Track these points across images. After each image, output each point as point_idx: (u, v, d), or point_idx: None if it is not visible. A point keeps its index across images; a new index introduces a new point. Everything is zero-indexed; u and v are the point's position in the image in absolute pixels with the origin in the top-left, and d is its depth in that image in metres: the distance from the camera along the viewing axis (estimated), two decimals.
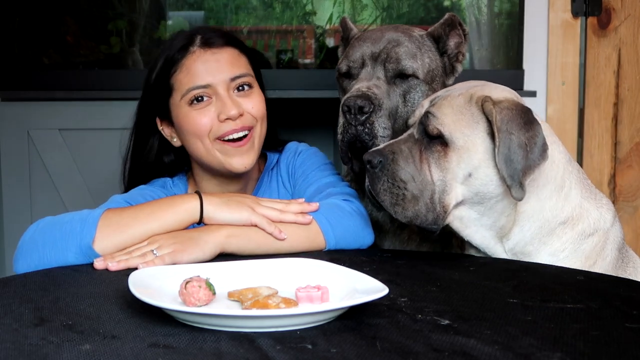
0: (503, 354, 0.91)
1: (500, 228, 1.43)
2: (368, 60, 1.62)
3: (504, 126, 1.34)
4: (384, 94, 1.58)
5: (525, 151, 1.34)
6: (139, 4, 2.85)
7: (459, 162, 1.36)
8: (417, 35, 1.67)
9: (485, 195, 1.39)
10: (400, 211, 1.37)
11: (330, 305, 1.05)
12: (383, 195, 1.37)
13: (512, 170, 1.33)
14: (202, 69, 1.58)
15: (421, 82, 1.62)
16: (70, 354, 0.90)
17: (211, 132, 1.57)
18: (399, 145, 1.39)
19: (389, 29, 1.68)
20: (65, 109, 2.50)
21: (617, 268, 1.49)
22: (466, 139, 1.36)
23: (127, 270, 1.19)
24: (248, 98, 1.61)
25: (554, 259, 1.44)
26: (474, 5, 2.87)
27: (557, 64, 2.74)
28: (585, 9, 2.72)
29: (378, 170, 1.37)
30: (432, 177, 1.37)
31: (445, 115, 1.38)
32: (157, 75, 1.62)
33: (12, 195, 2.51)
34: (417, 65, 1.62)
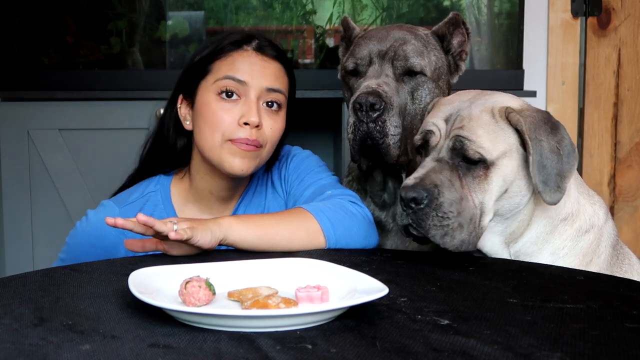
0: (503, 354, 0.91)
1: (510, 234, 1.43)
2: (375, 58, 1.63)
3: (533, 134, 1.34)
4: (394, 91, 1.58)
5: (558, 155, 1.34)
6: (139, 4, 2.85)
7: (497, 182, 1.36)
8: (422, 34, 1.68)
9: (511, 206, 1.39)
10: (449, 241, 1.33)
11: (330, 305, 1.06)
12: (434, 230, 1.32)
13: (545, 175, 1.33)
14: (247, 67, 1.59)
15: (429, 79, 1.63)
16: (70, 354, 0.90)
17: (225, 132, 1.56)
18: (437, 176, 1.34)
19: (393, 27, 1.69)
20: (65, 109, 2.49)
21: (612, 265, 1.49)
22: (504, 156, 1.36)
23: (127, 270, 1.19)
24: (272, 118, 1.60)
25: (554, 258, 1.44)
26: (473, 5, 2.87)
27: (557, 64, 2.74)
28: (585, 9, 2.73)
29: (425, 207, 1.32)
30: (474, 201, 1.35)
31: (480, 137, 1.35)
32: (201, 57, 1.63)
33: (12, 195, 2.51)
34: (425, 62, 1.63)
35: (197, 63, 1.63)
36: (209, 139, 1.58)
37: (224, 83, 1.58)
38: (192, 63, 1.65)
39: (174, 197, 1.67)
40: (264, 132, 1.58)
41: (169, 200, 1.67)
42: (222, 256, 1.37)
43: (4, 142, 2.50)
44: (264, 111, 1.59)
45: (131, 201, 1.65)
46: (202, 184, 1.65)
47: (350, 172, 1.81)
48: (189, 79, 1.64)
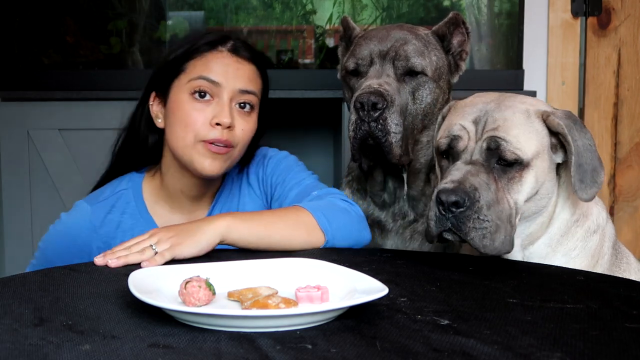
0: (503, 354, 0.91)
1: (528, 235, 1.43)
2: (376, 58, 1.63)
3: (569, 136, 1.36)
4: (395, 91, 1.59)
5: (592, 152, 1.37)
6: (139, 4, 2.85)
7: (531, 182, 1.36)
8: (423, 34, 1.68)
9: (537, 208, 1.39)
10: (489, 244, 1.32)
11: (330, 305, 1.05)
12: (474, 233, 1.31)
13: (582, 174, 1.35)
14: (221, 68, 1.60)
15: (430, 79, 1.63)
16: (70, 354, 0.90)
17: (197, 132, 1.57)
18: (475, 179, 1.33)
19: (393, 27, 1.69)
20: (65, 109, 2.49)
21: (612, 265, 1.50)
22: (538, 157, 1.36)
23: (127, 270, 1.19)
24: (243, 119, 1.61)
25: (567, 259, 1.44)
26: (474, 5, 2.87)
27: (557, 64, 2.74)
28: (585, 9, 2.73)
29: (466, 210, 1.31)
30: (509, 203, 1.35)
31: (516, 138, 1.35)
32: (176, 56, 1.63)
33: (12, 195, 2.51)
34: (426, 62, 1.63)
35: (171, 61, 1.64)
36: (180, 139, 1.59)
37: (197, 83, 1.58)
38: (166, 61, 1.66)
39: (145, 194, 1.68)
40: (236, 133, 1.59)
41: (140, 197, 1.67)
42: (222, 256, 1.37)
43: (4, 142, 2.50)
44: (236, 112, 1.60)
45: (103, 199, 1.67)
46: (172, 182, 1.66)
47: (350, 171, 1.81)
48: (163, 76, 1.65)
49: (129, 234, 1.63)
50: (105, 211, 1.66)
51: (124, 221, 1.65)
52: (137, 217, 1.66)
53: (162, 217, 1.67)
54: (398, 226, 1.69)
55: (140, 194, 1.68)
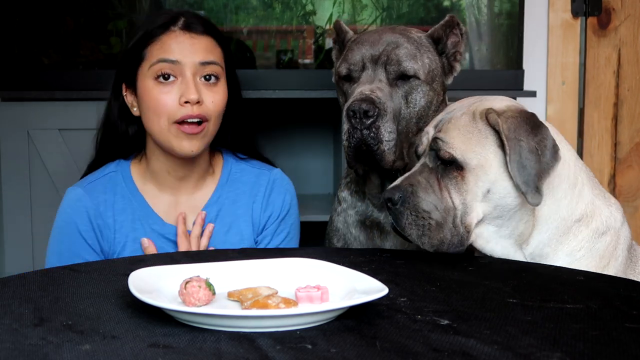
0: (503, 354, 0.91)
1: (518, 235, 1.43)
2: (368, 63, 1.62)
3: (512, 134, 1.35)
4: (387, 97, 1.58)
5: (537, 155, 1.35)
6: (139, 4, 2.85)
7: (476, 182, 1.37)
8: (415, 36, 1.67)
9: (504, 207, 1.39)
10: (427, 241, 1.37)
11: (330, 305, 1.05)
12: (409, 229, 1.38)
13: (526, 176, 1.34)
14: (177, 47, 1.64)
15: (422, 82, 1.62)
16: (70, 354, 0.90)
17: (169, 114, 1.61)
18: (415, 177, 1.39)
19: (386, 30, 1.68)
20: (65, 109, 2.49)
21: (626, 268, 1.49)
22: (479, 157, 1.37)
23: (127, 270, 1.19)
24: (211, 91, 1.64)
25: (570, 259, 1.44)
26: (474, 5, 2.87)
27: (557, 64, 2.74)
28: (585, 9, 2.72)
29: (399, 206, 1.37)
30: (453, 202, 1.37)
31: (453, 138, 1.38)
32: (134, 44, 1.67)
33: (12, 195, 2.51)
34: (418, 66, 1.62)
35: (130, 50, 1.68)
36: (155, 124, 1.63)
37: (158, 67, 1.63)
38: (126, 50, 1.70)
39: (134, 176, 1.73)
40: (207, 107, 1.63)
41: (130, 179, 1.72)
42: (222, 256, 1.37)
43: (4, 142, 2.50)
44: (203, 86, 1.64)
45: (93, 180, 1.71)
46: (158, 165, 1.71)
47: (348, 173, 1.81)
48: (127, 67, 1.69)
49: (123, 214, 1.69)
50: (99, 191, 1.70)
51: (117, 201, 1.70)
52: (128, 197, 1.71)
53: (152, 196, 1.72)
54: None
55: (129, 176, 1.72)
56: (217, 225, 1.72)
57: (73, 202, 1.69)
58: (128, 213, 1.69)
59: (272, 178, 1.79)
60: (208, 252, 1.55)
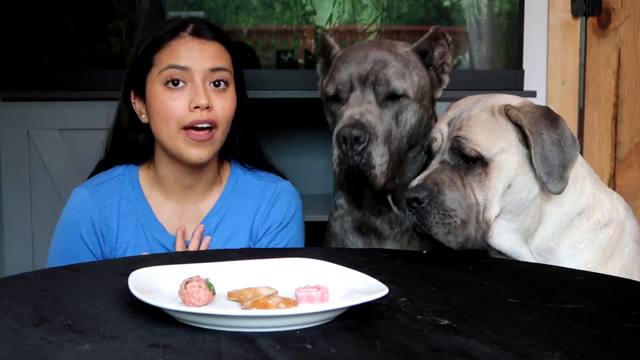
0: (503, 354, 0.91)
1: (525, 230, 1.45)
2: (356, 83, 1.57)
3: (534, 128, 1.38)
4: (377, 119, 1.54)
5: (559, 147, 1.38)
6: (139, 4, 2.85)
7: (499, 177, 1.39)
8: (402, 52, 1.63)
9: (519, 202, 1.41)
10: (453, 239, 1.38)
11: (330, 305, 1.05)
12: (436, 228, 1.38)
13: (549, 167, 1.37)
14: (187, 53, 1.63)
15: (412, 100, 1.58)
16: (70, 354, 0.90)
17: (178, 120, 1.60)
18: (438, 176, 1.39)
19: (372, 47, 1.62)
20: (65, 109, 2.49)
21: (633, 260, 1.49)
22: (503, 152, 1.39)
23: (127, 270, 1.19)
24: (220, 97, 1.64)
25: (573, 251, 1.46)
26: (474, 5, 2.86)
27: (557, 64, 2.74)
28: (585, 9, 2.72)
29: (426, 205, 1.37)
30: (476, 199, 1.39)
31: (477, 136, 1.39)
32: (143, 50, 1.66)
33: (12, 195, 2.51)
34: (407, 84, 1.58)
35: (139, 57, 1.67)
36: (164, 130, 1.62)
37: (167, 73, 1.62)
38: (135, 57, 1.69)
39: (142, 182, 1.72)
40: (216, 113, 1.62)
41: (137, 184, 1.71)
42: (222, 256, 1.37)
43: (4, 142, 2.50)
44: (212, 92, 1.63)
45: (100, 182, 1.71)
46: (165, 172, 1.70)
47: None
48: (135, 73, 1.68)
49: (127, 219, 1.68)
50: (105, 195, 1.69)
51: (122, 205, 1.69)
52: (134, 203, 1.70)
53: (158, 204, 1.71)
54: (395, 233, 1.68)
55: (137, 181, 1.71)
56: (216, 235, 1.70)
57: (78, 204, 1.68)
58: (132, 218, 1.68)
59: (278, 191, 1.76)
60: (208, 252, 1.55)
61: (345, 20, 2.92)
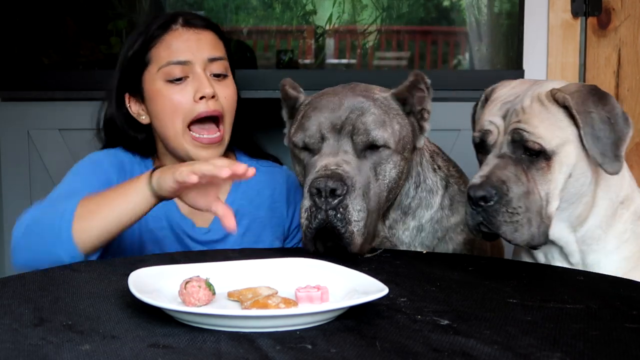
0: (503, 354, 0.91)
1: (576, 217, 1.41)
2: (328, 132, 1.43)
3: (581, 107, 1.33)
4: (355, 171, 1.40)
5: (609, 124, 1.33)
6: (139, 4, 2.85)
7: (560, 169, 1.34)
8: (381, 98, 1.49)
9: (576, 190, 1.37)
10: (519, 236, 1.32)
11: (330, 305, 1.06)
12: (505, 226, 1.31)
13: (602, 147, 1.32)
14: (184, 45, 1.61)
15: (393, 152, 1.45)
16: (70, 354, 0.90)
17: (184, 114, 1.58)
18: (502, 172, 1.33)
19: (345, 93, 1.48)
20: (65, 109, 2.49)
21: None
22: (563, 143, 1.34)
23: (127, 270, 1.19)
24: (222, 86, 1.62)
25: (619, 242, 1.43)
26: (474, 6, 2.87)
27: (557, 64, 2.74)
28: (585, 9, 2.72)
29: (495, 203, 1.30)
30: (540, 194, 1.34)
31: (537, 128, 1.34)
32: (135, 50, 1.63)
33: (12, 195, 2.51)
34: (388, 134, 1.44)
35: (131, 58, 1.64)
36: (170, 127, 1.59)
37: (167, 70, 1.59)
38: (126, 59, 1.65)
39: None
40: (220, 102, 1.60)
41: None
42: (222, 256, 1.37)
43: (4, 142, 2.50)
44: (214, 81, 1.61)
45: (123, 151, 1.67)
46: None
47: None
48: (129, 75, 1.65)
49: None
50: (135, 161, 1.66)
51: None
52: None
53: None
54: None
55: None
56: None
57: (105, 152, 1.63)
58: None
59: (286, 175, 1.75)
60: (208, 252, 1.55)
61: (345, 20, 2.92)
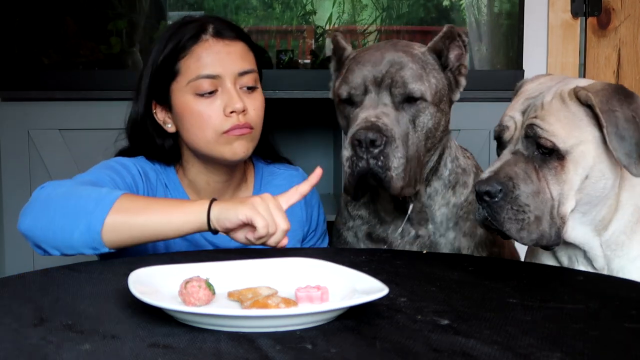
0: (503, 354, 0.91)
1: (600, 221, 1.37)
2: (371, 85, 1.52)
3: (605, 106, 1.28)
4: (394, 122, 1.49)
5: (634, 124, 1.28)
6: (139, 4, 2.85)
7: (576, 170, 1.31)
8: (419, 53, 1.57)
9: (595, 192, 1.33)
10: (527, 235, 1.30)
11: (330, 305, 1.05)
12: (509, 224, 1.29)
13: (627, 147, 1.27)
14: (214, 58, 1.58)
15: (430, 104, 1.54)
16: (70, 354, 0.90)
17: (215, 127, 1.56)
18: (512, 168, 1.31)
19: (387, 48, 1.57)
20: (65, 109, 2.50)
21: None
22: (580, 143, 1.30)
23: (127, 270, 1.19)
24: (251, 98, 1.60)
25: None
26: (474, 6, 2.87)
27: (557, 64, 2.74)
28: (585, 9, 2.73)
29: (500, 200, 1.29)
30: (551, 193, 1.31)
31: (552, 125, 1.30)
32: (163, 59, 1.60)
33: (12, 195, 2.51)
34: (425, 87, 1.53)
35: (161, 65, 1.61)
36: (201, 138, 1.58)
37: (197, 84, 1.57)
38: (156, 64, 1.62)
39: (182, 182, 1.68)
40: (250, 115, 1.59)
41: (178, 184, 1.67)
42: (222, 256, 1.37)
43: (4, 142, 2.50)
44: (243, 94, 1.60)
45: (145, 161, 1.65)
46: (198, 177, 1.66)
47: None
48: (158, 83, 1.62)
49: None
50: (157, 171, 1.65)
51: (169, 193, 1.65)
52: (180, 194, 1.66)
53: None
54: (405, 242, 1.66)
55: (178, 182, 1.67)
56: None
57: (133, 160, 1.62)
58: None
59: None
60: (208, 252, 1.55)
61: (345, 20, 2.92)
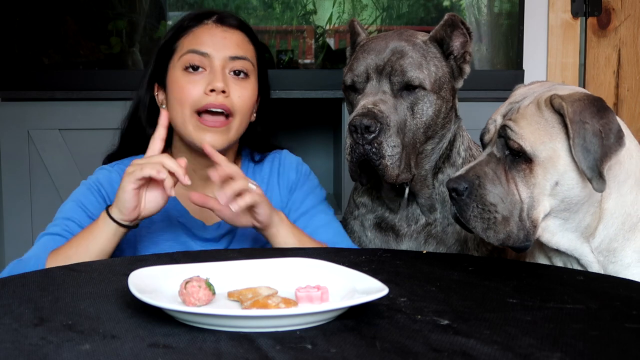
0: (503, 354, 0.91)
1: (585, 228, 1.38)
2: (372, 73, 1.58)
3: (577, 117, 1.29)
4: (391, 109, 1.53)
5: (600, 138, 1.29)
6: (139, 4, 2.85)
7: (545, 175, 1.32)
8: (421, 42, 1.61)
9: (571, 199, 1.34)
10: (493, 235, 1.32)
11: (330, 305, 1.06)
12: (474, 221, 1.33)
13: (590, 161, 1.29)
14: (209, 39, 1.62)
15: (429, 92, 1.58)
16: (70, 354, 0.90)
17: (193, 103, 1.58)
18: (482, 168, 1.34)
19: (392, 37, 1.62)
20: (65, 109, 2.49)
21: None
22: (548, 148, 1.32)
23: (127, 270, 1.19)
24: (239, 86, 1.62)
25: (639, 256, 1.40)
26: (473, 6, 2.86)
27: (557, 64, 2.74)
28: (585, 9, 2.73)
29: (465, 197, 1.32)
30: (520, 195, 1.33)
31: (522, 129, 1.33)
32: (167, 39, 1.67)
33: (12, 195, 2.51)
34: (424, 75, 1.57)
35: (163, 46, 1.67)
36: (179, 114, 1.60)
37: (187, 57, 1.61)
38: (159, 47, 1.68)
39: None
40: (233, 101, 1.60)
41: None
42: (222, 256, 1.37)
43: (4, 142, 2.50)
44: (231, 79, 1.61)
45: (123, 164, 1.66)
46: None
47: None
48: (159, 63, 1.67)
49: None
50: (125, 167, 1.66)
51: None
52: None
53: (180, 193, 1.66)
54: (412, 230, 1.68)
55: None
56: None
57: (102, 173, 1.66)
58: None
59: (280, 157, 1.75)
60: (208, 252, 1.55)
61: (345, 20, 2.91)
